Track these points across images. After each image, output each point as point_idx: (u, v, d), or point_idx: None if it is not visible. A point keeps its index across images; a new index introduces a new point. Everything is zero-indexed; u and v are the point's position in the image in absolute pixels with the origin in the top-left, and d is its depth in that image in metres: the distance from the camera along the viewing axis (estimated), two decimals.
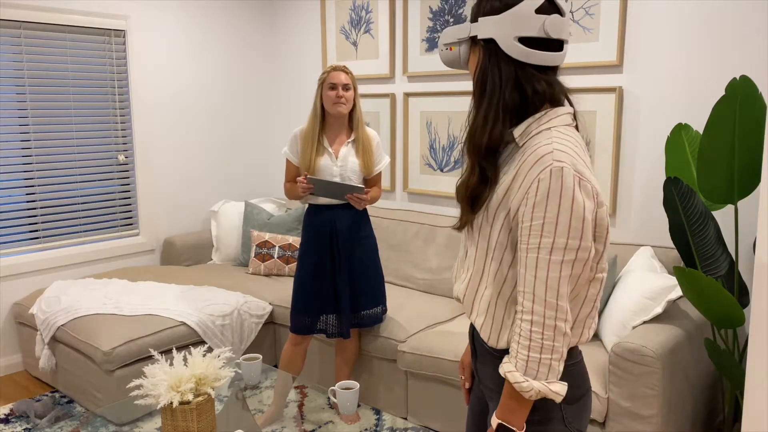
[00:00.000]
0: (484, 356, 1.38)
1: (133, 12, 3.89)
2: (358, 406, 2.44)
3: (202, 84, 4.31)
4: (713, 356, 2.41)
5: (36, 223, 3.66)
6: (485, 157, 1.26)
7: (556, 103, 1.26)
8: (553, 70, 1.27)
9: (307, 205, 2.86)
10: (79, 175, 3.81)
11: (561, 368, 1.21)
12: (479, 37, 1.24)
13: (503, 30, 1.20)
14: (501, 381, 1.28)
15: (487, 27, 1.22)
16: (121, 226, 4.02)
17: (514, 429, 1.23)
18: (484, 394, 1.46)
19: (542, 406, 1.27)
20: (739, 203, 2.53)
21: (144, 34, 3.96)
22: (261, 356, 2.49)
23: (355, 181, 2.79)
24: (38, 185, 3.64)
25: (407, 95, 3.83)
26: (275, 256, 3.86)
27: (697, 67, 2.81)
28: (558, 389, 1.20)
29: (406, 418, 2.96)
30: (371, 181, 2.87)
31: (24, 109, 3.55)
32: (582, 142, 1.27)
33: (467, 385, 1.59)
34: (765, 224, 1.73)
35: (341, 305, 2.81)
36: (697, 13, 2.78)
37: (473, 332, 1.47)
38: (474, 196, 1.28)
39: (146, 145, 4.04)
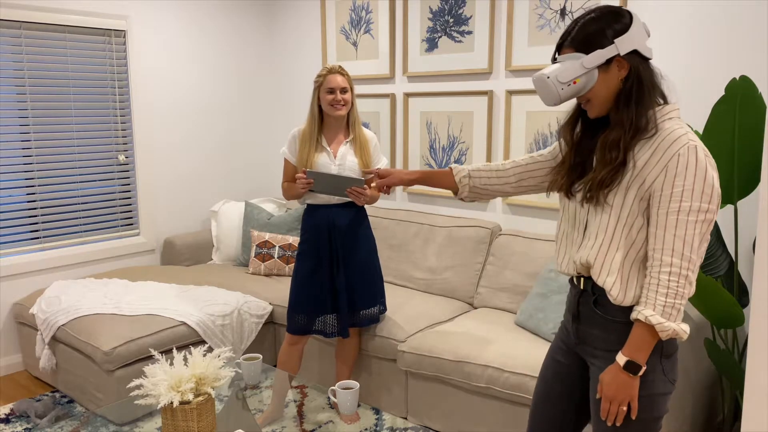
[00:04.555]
0: (592, 319, 1.60)
1: (133, 12, 3.89)
2: (358, 406, 2.44)
3: (203, 84, 4.31)
4: (713, 356, 2.42)
5: (36, 223, 3.66)
6: (633, 143, 1.49)
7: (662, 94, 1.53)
8: None
9: (305, 205, 2.86)
10: (80, 175, 3.81)
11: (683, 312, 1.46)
12: (622, 54, 1.47)
13: (637, 41, 1.49)
14: (610, 339, 1.55)
15: (625, 43, 1.48)
16: (121, 226, 4.03)
17: (640, 364, 1.47)
18: (581, 355, 1.66)
19: (648, 360, 1.50)
20: (739, 203, 2.53)
21: (144, 34, 3.96)
22: (261, 356, 2.49)
23: None
24: (39, 185, 3.64)
25: (407, 95, 3.83)
26: (275, 256, 3.86)
27: (697, 67, 2.81)
28: (685, 328, 1.46)
29: (406, 418, 2.96)
30: (369, 182, 2.87)
31: (24, 110, 3.55)
32: None
33: None
34: (765, 224, 1.73)
35: (339, 305, 2.81)
36: (697, 13, 2.78)
37: (578, 299, 1.64)
38: (614, 176, 1.50)
39: (146, 145, 4.04)
